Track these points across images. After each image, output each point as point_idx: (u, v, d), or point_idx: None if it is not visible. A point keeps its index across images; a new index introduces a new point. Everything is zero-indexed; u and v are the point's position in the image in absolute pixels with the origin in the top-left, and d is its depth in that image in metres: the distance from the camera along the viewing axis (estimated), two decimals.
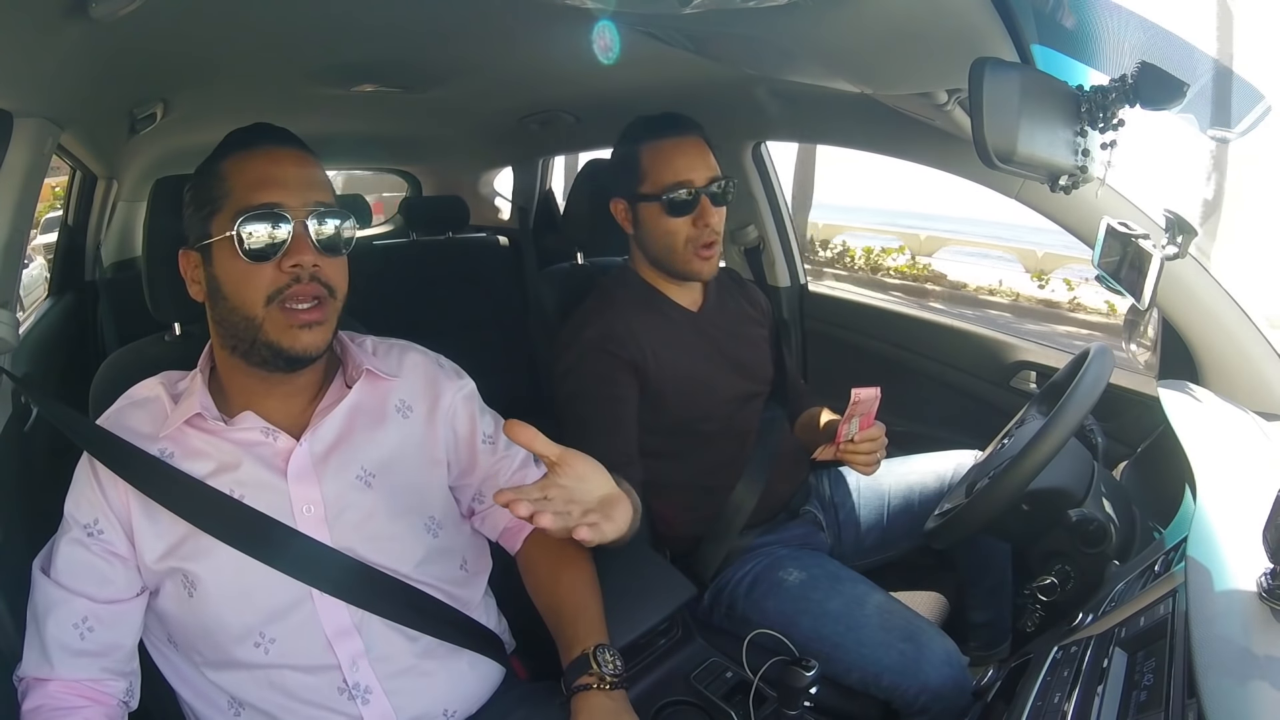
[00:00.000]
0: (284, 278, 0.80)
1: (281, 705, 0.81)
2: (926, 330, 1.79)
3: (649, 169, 1.23)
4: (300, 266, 0.80)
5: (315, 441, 0.86)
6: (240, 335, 0.82)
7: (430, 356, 0.98)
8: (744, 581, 1.23)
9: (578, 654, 0.87)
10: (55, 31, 0.87)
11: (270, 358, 0.82)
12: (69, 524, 0.82)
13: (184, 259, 0.85)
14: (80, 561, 0.81)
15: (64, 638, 0.79)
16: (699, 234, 1.22)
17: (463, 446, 0.95)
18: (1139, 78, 0.79)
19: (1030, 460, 0.93)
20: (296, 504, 0.83)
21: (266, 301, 0.80)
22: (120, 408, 0.87)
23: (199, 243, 0.83)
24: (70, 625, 0.80)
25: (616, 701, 0.84)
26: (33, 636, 0.80)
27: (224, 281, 0.81)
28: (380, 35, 1.22)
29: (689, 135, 1.25)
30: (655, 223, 1.24)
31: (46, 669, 0.79)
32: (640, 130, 1.26)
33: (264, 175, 0.81)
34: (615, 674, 0.85)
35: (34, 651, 0.80)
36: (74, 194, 1.97)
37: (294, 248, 0.79)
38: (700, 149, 1.24)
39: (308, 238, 0.80)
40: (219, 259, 0.81)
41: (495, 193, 3.10)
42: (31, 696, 0.79)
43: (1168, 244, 1.01)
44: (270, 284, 0.79)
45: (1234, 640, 0.61)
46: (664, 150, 1.23)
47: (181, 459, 0.83)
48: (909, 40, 0.92)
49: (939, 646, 1.09)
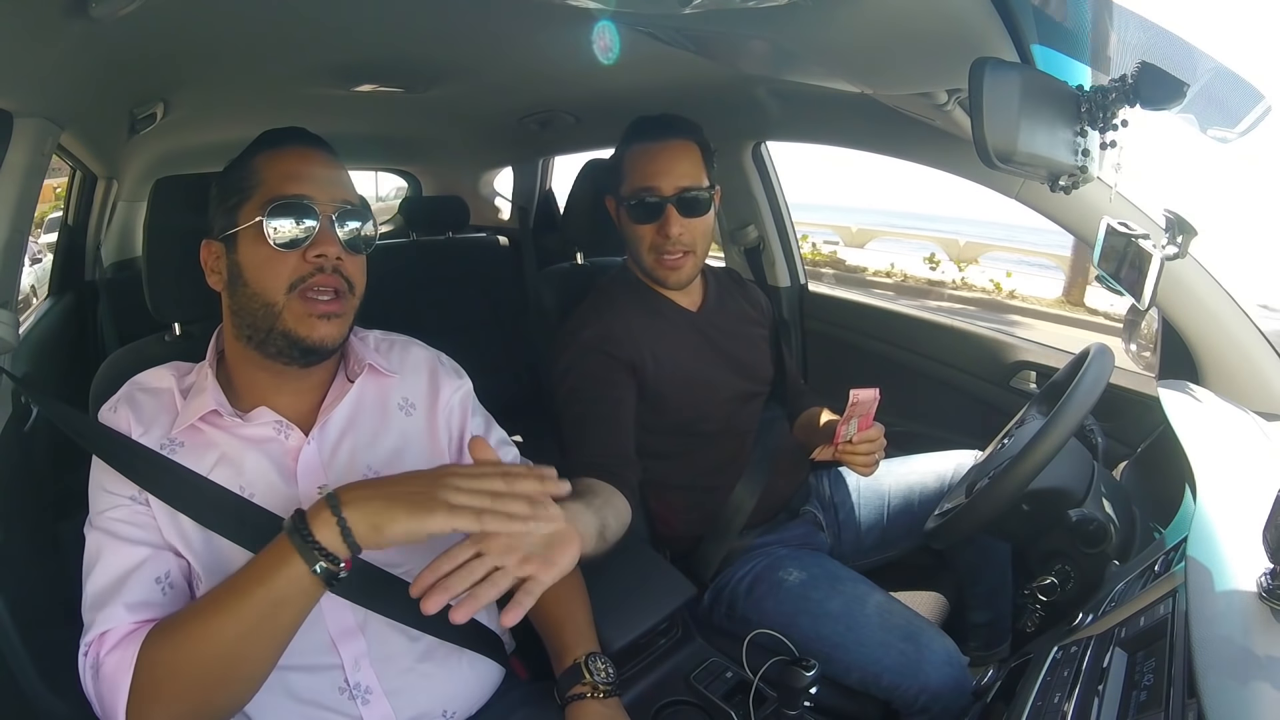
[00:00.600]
0: (307, 267, 0.81)
1: (282, 705, 0.81)
2: (926, 330, 1.79)
3: (627, 171, 1.24)
4: (324, 257, 0.81)
5: (323, 438, 0.86)
6: (258, 323, 0.82)
7: (431, 353, 0.99)
8: (744, 581, 1.23)
9: (569, 663, 0.88)
10: (55, 31, 0.87)
11: (286, 348, 0.82)
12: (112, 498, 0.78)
13: (206, 250, 0.86)
14: (143, 523, 0.78)
15: (148, 594, 0.75)
16: (661, 243, 1.21)
17: (455, 446, 0.96)
18: (1139, 78, 0.79)
19: (1030, 460, 0.93)
20: (306, 503, 0.83)
21: (289, 289, 0.81)
22: (130, 392, 0.85)
23: (224, 233, 0.83)
24: (153, 580, 0.76)
25: (611, 709, 0.86)
26: (107, 599, 0.73)
27: (246, 267, 0.82)
28: (380, 35, 1.22)
29: (675, 140, 1.22)
30: (625, 226, 1.25)
31: (122, 617, 0.72)
32: (632, 131, 1.26)
33: (295, 170, 0.83)
34: (608, 681, 0.87)
35: (108, 607, 0.73)
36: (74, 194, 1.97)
37: (319, 239, 0.81)
38: (683, 154, 1.21)
39: (332, 230, 0.82)
40: (244, 246, 0.82)
41: (495, 193, 3.10)
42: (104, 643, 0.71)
43: (1168, 244, 1.01)
44: (293, 272, 0.81)
45: (1234, 640, 0.61)
46: (643, 154, 1.22)
47: (189, 453, 0.82)
48: (909, 40, 0.92)
49: (939, 646, 1.09)
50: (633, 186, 1.22)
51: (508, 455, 1.00)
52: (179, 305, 0.97)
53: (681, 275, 1.24)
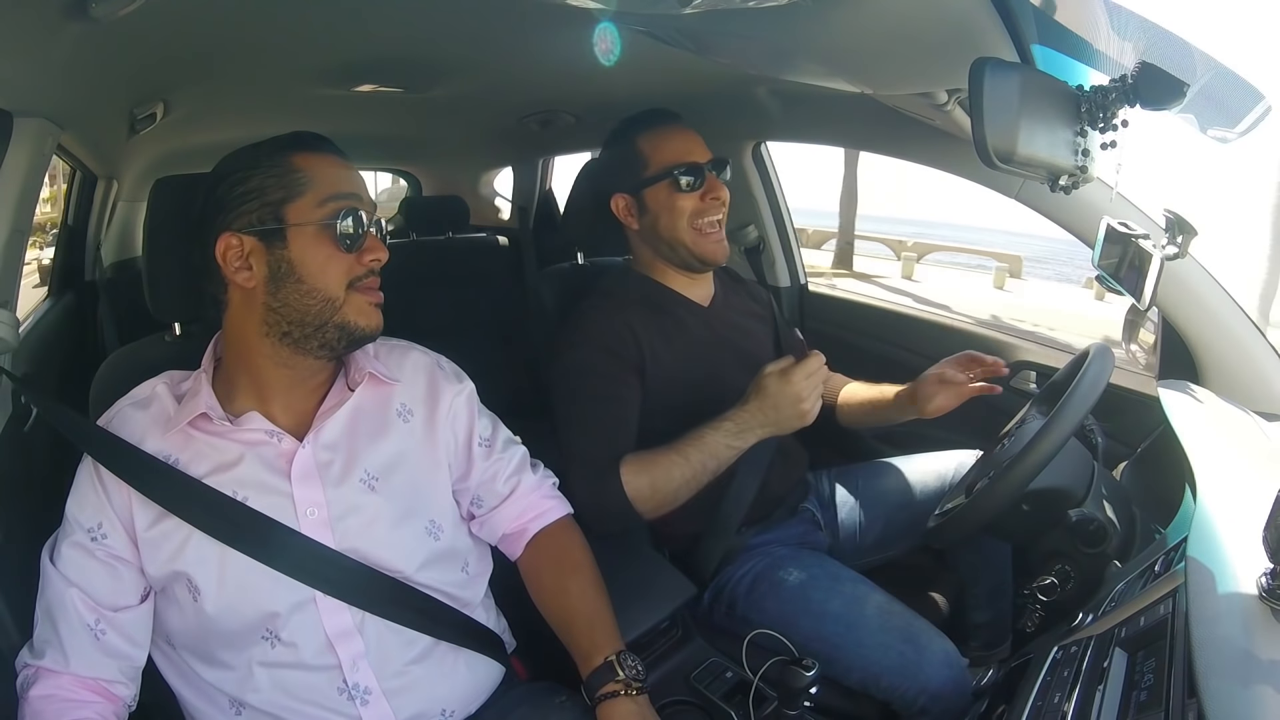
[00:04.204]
0: (361, 268, 0.85)
1: (282, 705, 0.81)
2: (926, 330, 1.79)
3: (651, 154, 1.25)
4: (378, 261, 0.86)
5: (318, 444, 0.86)
6: (308, 319, 0.83)
7: (431, 357, 0.98)
8: (744, 581, 1.22)
9: (599, 662, 0.88)
10: (55, 31, 0.87)
11: (336, 339, 0.84)
12: (71, 526, 0.82)
13: (226, 243, 0.82)
14: (86, 566, 0.81)
15: (81, 635, 0.79)
16: (707, 208, 1.24)
17: (460, 450, 0.95)
18: (1139, 78, 0.79)
19: (1030, 460, 0.93)
20: (300, 506, 0.83)
21: (349, 285, 0.84)
22: (121, 408, 0.86)
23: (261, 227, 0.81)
24: (84, 626, 0.80)
25: (642, 706, 0.86)
26: (47, 629, 0.80)
27: (301, 263, 0.82)
28: (380, 35, 1.22)
29: (680, 124, 1.29)
30: (665, 203, 1.25)
31: (61, 663, 0.79)
32: (633, 125, 1.29)
33: (341, 175, 0.85)
34: (639, 678, 0.87)
35: (50, 644, 0.79)
36: (74, 194, 1.97)
37: (372, 244, 0.85)
38: (695, 134, 1.28)
39: (379, 235, 0.87)
40: (299, 242, 0.82)
41: (495, 193, 3.10)
42: (41, 684, 0.78)
43: (1168, 244, 1.01)
44: (350, 270, 0.84)
45: (1234, 640, 0.61)
46: (663, 136, 1.26)
47: (183, 460, 0.83)
48: (909, 40, 0.92)
49: (938, 648, 1.09)
50: (662, 164, 1.24)
51: (515, 454, 1.00)
52: (179, 305, 0.97)
53: (725, 249, 1.27)
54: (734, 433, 1.10)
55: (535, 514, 1.00)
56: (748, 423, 1.09)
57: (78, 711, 0.77)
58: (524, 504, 0.99)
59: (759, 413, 1.08)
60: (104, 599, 0.81)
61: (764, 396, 1.07)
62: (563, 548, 0.99)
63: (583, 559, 0.98)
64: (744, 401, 1.09)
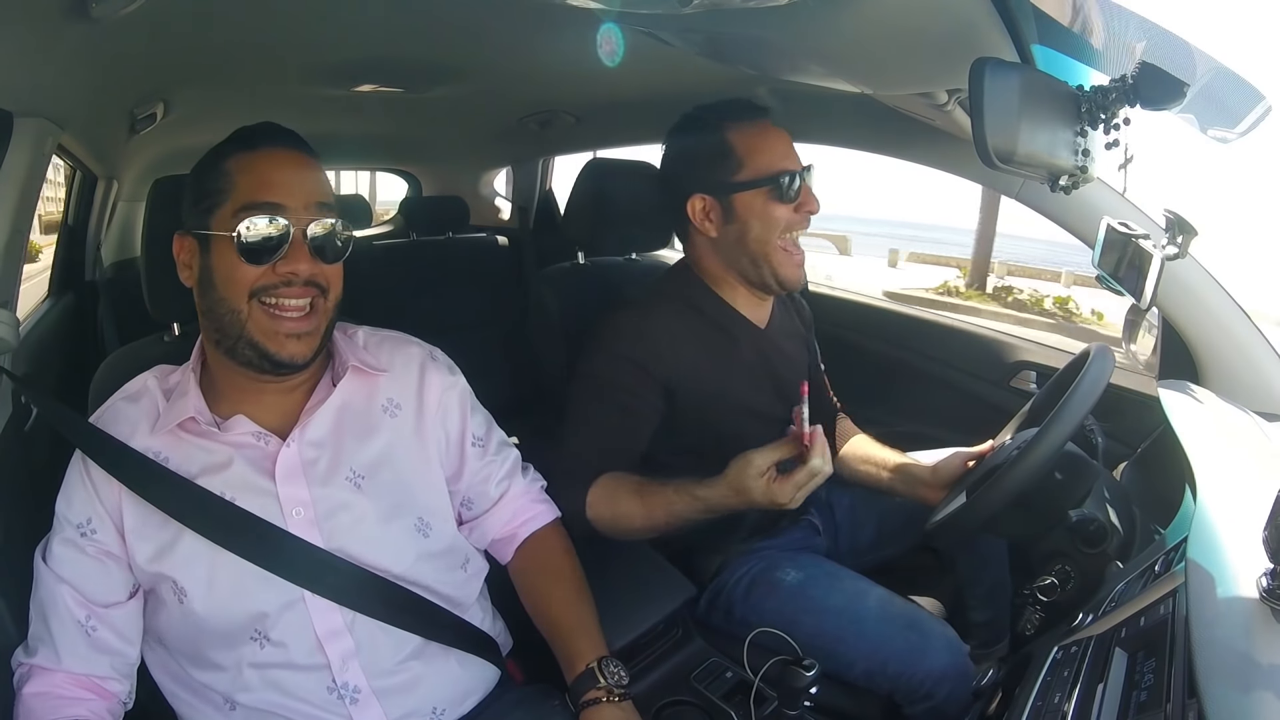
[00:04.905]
0: (274, 278, 0.81)
1: (275, 704, 0.81)
2: (926, 330, 1.79)
3: (746, 155, 1.15)
4: (295, 274, 0.81)
5: (303, 442, 0.85)
6: (225, 329, 0.82)
7: (424, 349, 0.97)
8: (741, 584, 1.21)
9: (582, 668, 0.88)
10: (55, 31, 0.87)
11: (255, 359, 0.82)
12: (61, 524, 0.82)
13: (179, 243, 0.85)
14: (76, 562, 0.81)
15: (72, 632, 0.80)
16: (799, 221, 1.15)
17: (453, 448, 0.95)
18: (1139, 78, 0.79)
19: (1030, 460, 0.93)
20: (286, 506, 0.83)
21: (250, 295, 0.80)
22: (113, 403, 0.87)
23: (196, 230, 0.83)
24: (75, 622, 0.80)
25: (626, 711, 0.87)
26: (40, 627, 0.80)
27: (216, 271, 0.81)
28: (380, 35, 1.21)
29: (771, 120, 1.18)
30: (760, 212, 1.14)
31: (54, 660, 0.79)
32: (722, 115, 1.17)
33: (267, 177, 0.81)
34: (621, 685, 0.88)
35: (42, 642, 0.80)
36: (74, 194, 1.97)
37: (291, 254, 0.80)
38: (787, 134, 1.18)
39: (305, 244, 0.81)
40: (216, 250, 0.81)
41: (495, 193, 3.10)
42: (35, 681, 0.79)
43: (1168, 244, 1.01)
44: (258, 278, 0.80)
45: (1234, 641, 0.61)
46: (760, 133, 1.16)
47: (175, 460, 0.83)
48: (909, 40, 0.92)
49: (940, 633, 1.09)
50: (762, 168, 1.13)
51: (509, 457, 1.00)
52: (178, 305, 0.97)
53: (802, 276, 1.19)
54: (703, 511, 1.05)
55: (524, 518, 1.00)
56: (721, 505, 1.03)
57: (71, 709, 0.78)
58: (514, 508, 0.99)
59: (734, 499, 1.01)
60: (94, 595, 0.81)
61: (745, 494, 1.00)
62: (549, 552, 0.99)
63: (568, 566, 0.98)
64: (724, 484, 1.01)
